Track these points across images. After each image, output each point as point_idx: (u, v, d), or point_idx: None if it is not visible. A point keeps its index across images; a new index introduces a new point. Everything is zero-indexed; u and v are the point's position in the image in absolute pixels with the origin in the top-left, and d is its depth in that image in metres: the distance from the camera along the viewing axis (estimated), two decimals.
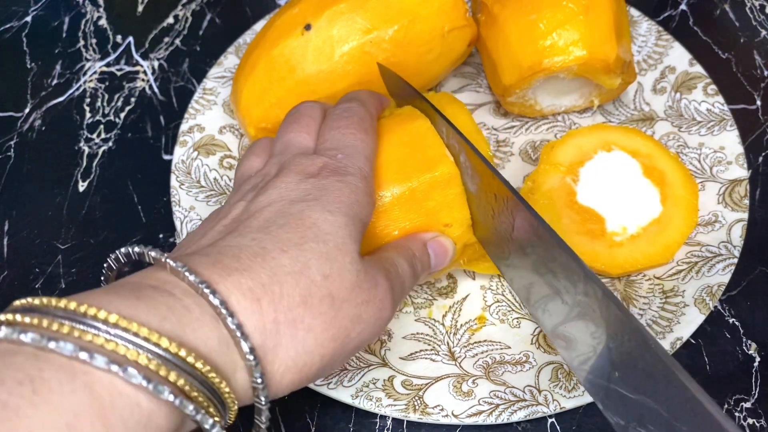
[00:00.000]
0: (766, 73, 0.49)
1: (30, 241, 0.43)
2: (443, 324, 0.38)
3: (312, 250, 0.25)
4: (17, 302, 0.20)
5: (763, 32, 0.51)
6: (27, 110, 0.50)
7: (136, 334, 0.20)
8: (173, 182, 0.43)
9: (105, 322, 0.20)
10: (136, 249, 0.24)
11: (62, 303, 0.20)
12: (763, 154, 0.45)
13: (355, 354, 0.27)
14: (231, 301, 0.22)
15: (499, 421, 0.33)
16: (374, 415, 0.35)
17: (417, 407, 0.34)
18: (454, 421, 0.33)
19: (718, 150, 0.42)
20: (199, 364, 0.21)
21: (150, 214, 0.44)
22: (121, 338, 0.19)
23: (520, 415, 0.33)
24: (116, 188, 0.45)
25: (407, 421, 0.35)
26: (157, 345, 0.20)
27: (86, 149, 0.47)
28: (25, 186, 0.46)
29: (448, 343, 0.37)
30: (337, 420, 0.36)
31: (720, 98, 0.44)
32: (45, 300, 0.20)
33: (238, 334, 0.22)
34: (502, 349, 0.36)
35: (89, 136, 0.48)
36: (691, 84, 0.45)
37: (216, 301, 0.22)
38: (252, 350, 0.22)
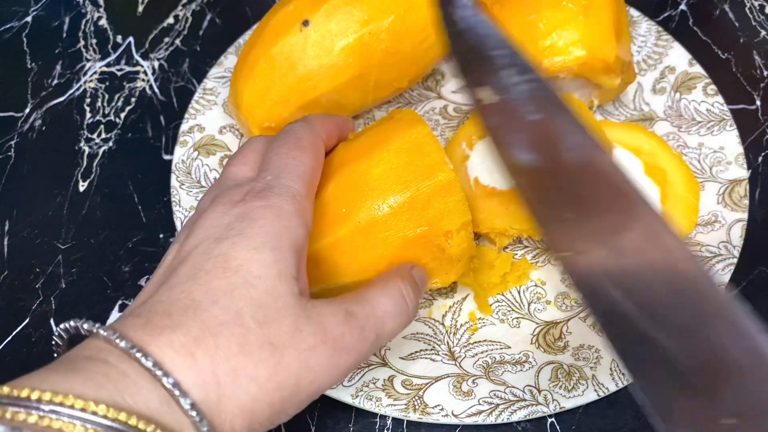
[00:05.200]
0: (765, 73, 0.49)
1: (30, 241, 0.43)
2: (443, 324, 0.38)
3: (242, 297, 0.24)
4: None
5: (763, 32, 0.52)
6: (27, 110, 0.50)
7: (72, 407, 0.20)
8: (173, 182, 0.43)
9: (38, 400, 0.20)
10: (72, 323, 0.24)
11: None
12: (763, 154, 0.45)
13: (314, 399, 0.26)
14: (165, 360, 0.22)
15: (499, 421, 0.33)
16: (374, 414, 0.35)
17: (417, 407, 0.34)
18: (454, 420, 0.33)
19: (718, 150, 0.42)
20: (141, 425, 0.21)
21: (150, 214, 0.44)
22: (56, 413, 0.20)
23: (520, 415, 0.33)
24: (116, 188, 0.45)
25: (407, 420, 0.35)
26: (94, 413, 0.20)
27: (86, 149, 0.48)
28: (25, 186, 0.46)
29: (448, 343, 0.37)
30: (337, 420, 0.36)
31: (720, 98, 0.44)
32: None
33: (176, 392, 0.22)
34: (501, 348, 0.36)
35: (89, 136, 0.48)
36: (690, 84, 0.45)
37: (149, 363, 0.22)
38: (193, 406, 0.22)
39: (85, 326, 0.23)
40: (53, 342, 0.25)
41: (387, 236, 0.32)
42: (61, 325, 0.24)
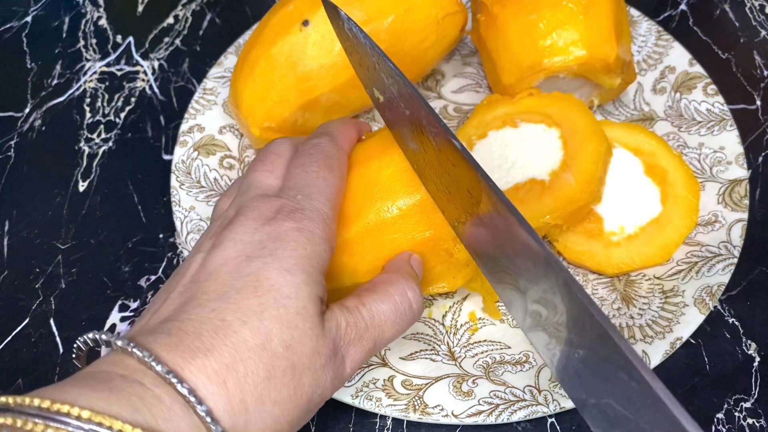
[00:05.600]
0: (766, 73, 0.49)
1: (30, 241, 0.43)
2: (443, 324, 0.38)
3: (272, 318, 0.25)
4: None
5: (763, 32, 0.51)
6: (27, 110, 0.50)
7: (110, 428, 0.20)
8: (173, 182, 0.43)
9: (78, 418, 0.20)
10: (103, 337, 0.24)
11: (36, 401, 0.20)
12: (763, 154, 0.45)
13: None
14: (198, 387, 0.23)
15: (499, 421, 0.33)
16: (374, 415, 0.35)
17: (417, 407, 0.34)
18: (454, 421, 0.33)
19: (718, 150, 0.42)
20: None
21: (150, 214, 0.44)
22: None
23: (520, 415, 0.33)
24: (116, 188, 0.45)
25: (407, 421, 0.35)
26: None
27: (86, 149, 0.47)
28: (25, 186, 0.46)
29: (448, 343, 0.37)
30: (337, 420, 0.36)
31: (720, 98, 0.44)
32: (18, 399, 0.20)
33: (209, 419, 0.22)
34: (502, 349, 0.36)
35: (89, 136, 0.48)
36: (691, 84, 0.45)
37: (184, 390, 0.22)
38: None
39: (119, 343, 0.23)
40: (75, 347, 0.25)
41: (395, 238, 0.32)
42: (90, 335, 0.25)
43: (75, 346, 0.25)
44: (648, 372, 0.21)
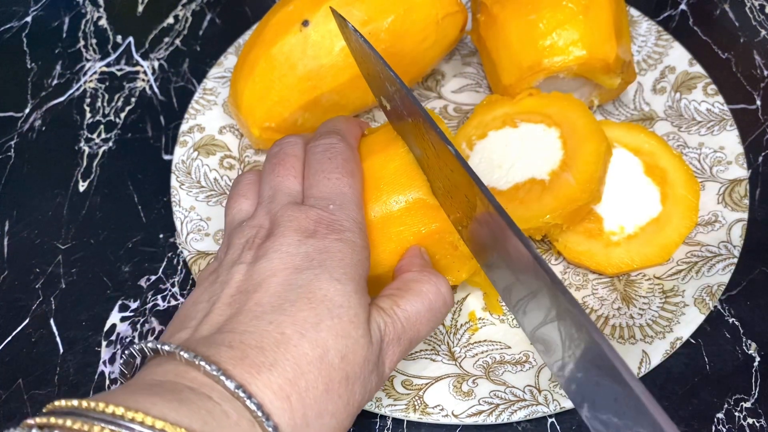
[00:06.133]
0: (765, 73, 0.49)
1: (30, 241, 0.43)
2: (443, 324, 0.38)
3: (328, 329, 0.25)
4: (55, 403, 0.20)
5: (763, 32, 0.52)
6: (27, 110, 0.50)
7: None
8: (173, 182, 0.43)
9: (152, 428, 0.20)
10: (166, 347, 0.24)
11: (110, 408, 0.20)
12: (763, 154, 0.45)
13: None
14: (265, 402, 0.23)
15: (499, 421, 0.33)
16: (374, 415, 0.35)
17: (417, 407, 0.34)
18: (454, 421, 0.33)
19: (718, 150, 0.42)
20: None
21: (150, 214, 0.44)
22: None
23: (520, 415, 0.33)
24: (116, 188, 0.45)
25: (407, 421, 0.35)
26: None
27: (86, 149, 0.47)
28: (25, 186, 0.46)
29: (448, 343, 0.37)
30: None
31: (720, 98, 0.44)
32: (86, 403, 0.20)
33: None
34: (502, 349, 0.36)
35: (89, 136, 0.48)
36: (691, 84, 0.45)
37: (253, 406, 0.22)
38: None
39: (185, 355, 0.23)
40: (127, 353, 0.25)
41: (401, 231, 0.33)
42: (149, 344, 0.24)
43: (126, 353, 0.25)
44: (631, 375, 0.22)
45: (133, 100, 0.50)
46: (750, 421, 0.35)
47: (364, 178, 0.33)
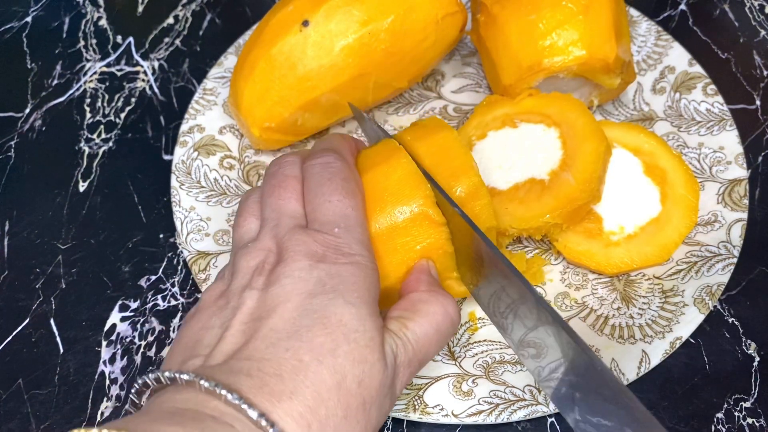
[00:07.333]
0: (765, 73, 0.49)
1: (30, 241, 0.43)
2: None
3: (345, 354, 0.25)
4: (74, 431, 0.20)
5: (763, 32, 0.52)
6: (27, 110, 0.50)
7: None
8: (173, 182, 0.43)
9: None
10: (185, 377, 0.23)
11: None
12: (763, 153, 0.45)
13: None
14: (287, 430, 0.23)
15: (499, 421, 0.33)
16: None
17: (417, 407, 0.34)
18: (454, 420, 0.33)
19: (718, 150, 0.42)
20: None
21: (150, 214, 0.44)
22: None
23: (519, 415, 0.33)
24: (116, 188, 0.45)
25: (407, 420, 0.35)
26: None
27: (86, 149, 0.48)
28: (26, 186, 0.46)
29: (447, 343, 0.37)
30: None
31: (719, 98, 0.44)
32: (106, 431, 0.20)
33: None
34: (501, 348, 0.37)
35: (89, 136, 0.48)
36: (690, 84, 0.45)
37: None
38: None
39: (205, 384, 0.23)
40: (140, 382, 0.25)
41: (407, 242, 0.32)
42: (167, 373, 0.24)
43: (140, 382, 0.25)
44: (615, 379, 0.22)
45: (133, 100, 0.50)
46: (750, 420, 0.35)
47: (368, 191, 0.32)
